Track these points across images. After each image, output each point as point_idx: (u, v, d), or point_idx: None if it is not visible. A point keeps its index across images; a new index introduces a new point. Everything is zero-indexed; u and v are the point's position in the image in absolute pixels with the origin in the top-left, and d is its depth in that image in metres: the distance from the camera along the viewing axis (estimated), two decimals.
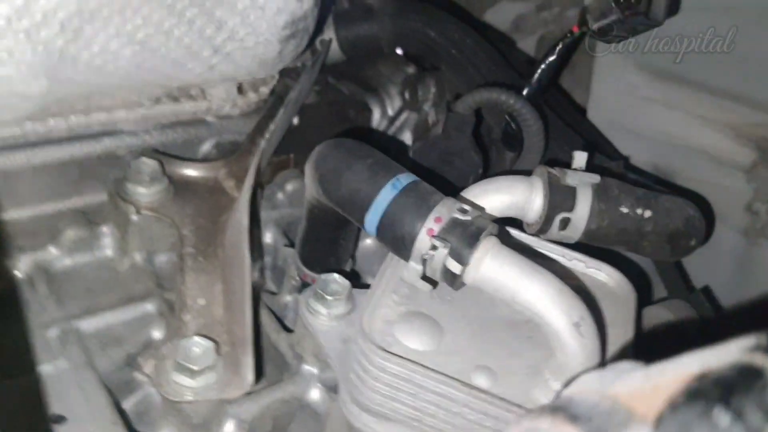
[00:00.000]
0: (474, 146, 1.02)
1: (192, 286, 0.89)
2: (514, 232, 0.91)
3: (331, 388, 0.87)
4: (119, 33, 0.77)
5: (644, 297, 0.94)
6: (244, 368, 0.80)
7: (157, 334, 0.93)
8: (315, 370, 0.88)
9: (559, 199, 0.84)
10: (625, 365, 0.39)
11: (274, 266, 1.13)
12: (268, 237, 1.14)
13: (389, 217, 0.76)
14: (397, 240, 0.76)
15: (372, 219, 0.77)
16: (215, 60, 0.88)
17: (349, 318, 0.88)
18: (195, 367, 0.78)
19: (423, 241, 0.74)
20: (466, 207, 0.75)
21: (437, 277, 0.75)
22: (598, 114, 1.33)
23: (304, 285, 1.03)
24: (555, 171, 0.85)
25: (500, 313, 0.81)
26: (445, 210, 0.75)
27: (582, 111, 1.38)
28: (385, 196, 0.77)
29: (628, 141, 1.28)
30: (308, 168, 0.86)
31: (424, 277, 0.75)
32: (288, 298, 1.04)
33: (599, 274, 0.91)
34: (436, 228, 0.74)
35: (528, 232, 0.88)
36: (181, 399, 0.78)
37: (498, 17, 1.59)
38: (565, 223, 0.84)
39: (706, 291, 1.10)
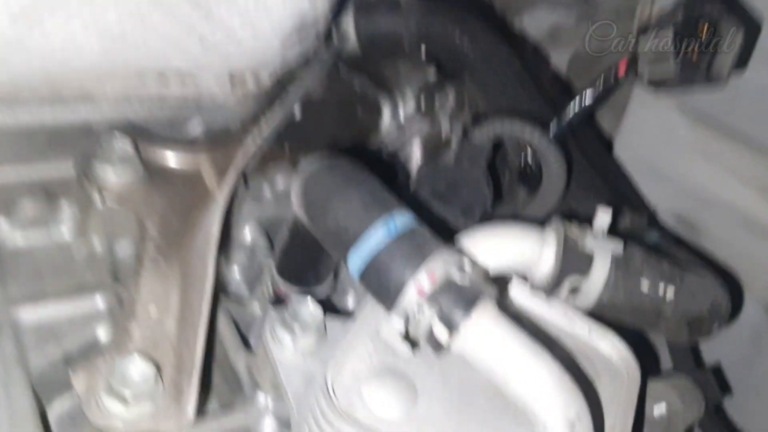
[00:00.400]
0: (486, 180, 0.91)
1: (146, 292, 0.79)
2: (516, 285, 0.80)
3: (286, 424, 0.77)
4: (86, 25, 0.66)
5: (648, 367, 0.84)
6: (186, 401, 0.70)
7: (101, 334, 0.83)
8: (271, 402, 0.79)
9: (573, 263, 0.73)
10: None
11: (248, 267, 1.03)
12: (246, 234, 1.04)
13: (376, 263, 0.66)
14: (381, 289, 0.66)
15: (356, 261, 0.67)
16: (204, 56, 0.77)
17: (317, 353, 0.78)
18: (129, 395, 0.68)
19: (410, 297, 0.64)
20: (466, 264, 0.65)
21: (420, 338, 0.65)
22: (626, 149, 1.22)
23: (277, 298, 0.93)
24: (573, 230, 0.74)
25: (484, 380, 0.71)
26: (440, 265, 0.64)
27: (608, 142, 1.26)
28: (375, 238, 0.66)
29: (654, 184, 1.17)
30: (295, 187, 0.75)
31: (406, 336, 0.65)
32: (257, 310, 0.95)
33: (603, 344, 0.80)
34: (428, 285, 0.63)
35: (531, 290, 0.78)
36: (108, 427, 0.68)
37: (534, 24, 1.47)
38: (575, 291, 0.74)
39: (717, 370, 1.00)
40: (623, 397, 0.76)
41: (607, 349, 0.80)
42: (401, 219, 0.68)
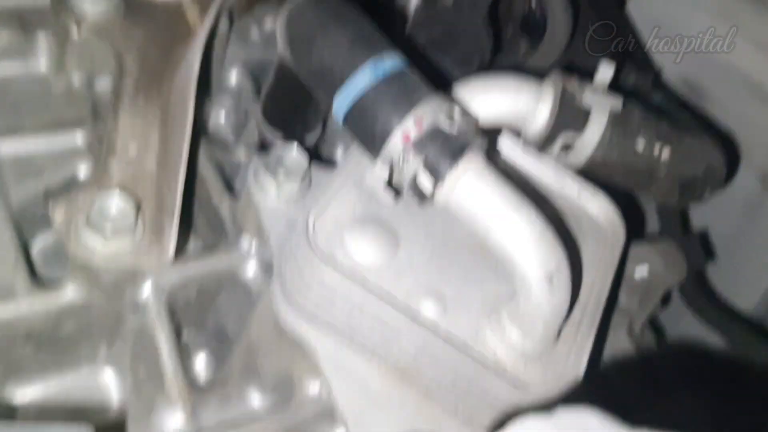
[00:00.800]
0: (486, 28, 0.85)
1: (125, 129, 0.76)
2: (508, 139, 0.78)
3: (269, 268, 0.78)
4: None
5: (634, 229, 0.84)
6: (167, 239, 0.70)
7: (82, 170, 0.81)
8: (254, 245, 0.79)
9: (568, 118, 0.70)
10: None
11: (233, 112, 1.00)
12: (232, 78, 0.99)
13: (362, 106, 0.63)
14: (366, 135, 0.63)
15: (341, 103, 0.64)
16: None
17: (300, 200, 0.77)
18: (108, 228, 0.67)
19: (395, 144, 0.61)
20: (456, 111, 0.62)
21: (404, 188, 0.63)
22: (639, 6, 1.15)
23: (263, 144, 0.91)
24: (572, 84, 0.71)
25: (467, 233, 0.70)
26: (429, 111, 0.61)
27: None
28: (361, 79, 0.63)
29: (662, 45, 1.11)
30: (280, 22, 0.70)
31: (390, 184, 0.63)
32: (242, 156, 0.92)
33: (590, 204, 0.79)
34: (414, 132, 0.61)
35: (524, 143, 0.75)
36: (88, 261, 0.68)
37: None
38: (567, 147, 0.71)
39: (704, 237, 0.99)
40: (605, 257, 0.76)
41: (594, 209, 0.79)
42: (390, 61, 0.64)
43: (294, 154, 0.77)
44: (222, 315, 0.83)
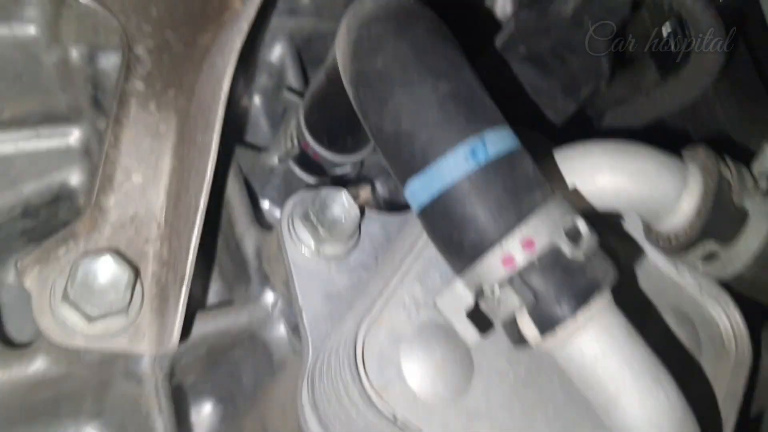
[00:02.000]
0: (608, 52, 0.65)
1: (128, 150, 0.58)
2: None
3: (296, 330, 0.62)
4: None
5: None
6: (170, 319, 0.53)
7: (74, 180, 0.64)
8: (281, 303, 0.63)
9: (720, 221, 0.52)
10: None
11: (271, 95, 0.81)
12: (275, 53, 0.80)
13: (449, 201, 0.45)
14: (450, 242, 0.46)
15: (419, 191, 0.46)
16: None
17: (345, 262, 0.60)
18: (94, 306, 0.51)
19: (492, 267, 0.44)
20: (581, 227, 0.44)
21: (496, 322, 0.45)
22: None
23: (303, 153, 0.73)
24: (728, 171, 0.52)
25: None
26: (545, 227, 0.43)
27: None
28: (453, 165, 0.44)
29: None
30: (343, 39, 0.51)
31: (474, 313, 0.46)
32: (276, 162, 0.75)
33: (715, 308, 0.62)
34: (521, 256, 0.43)
35: (646, 237, 0.57)
36: (67, 344, 0.52)
37: None
38: (710, 257, 0.53)
39: None
40: (730, 384, 0.59)
41: (717, 314, 0.62)
42: (495, 142, 0.45)
43: (344, 202, 0.59)
44: (235, 367, 0.69)
